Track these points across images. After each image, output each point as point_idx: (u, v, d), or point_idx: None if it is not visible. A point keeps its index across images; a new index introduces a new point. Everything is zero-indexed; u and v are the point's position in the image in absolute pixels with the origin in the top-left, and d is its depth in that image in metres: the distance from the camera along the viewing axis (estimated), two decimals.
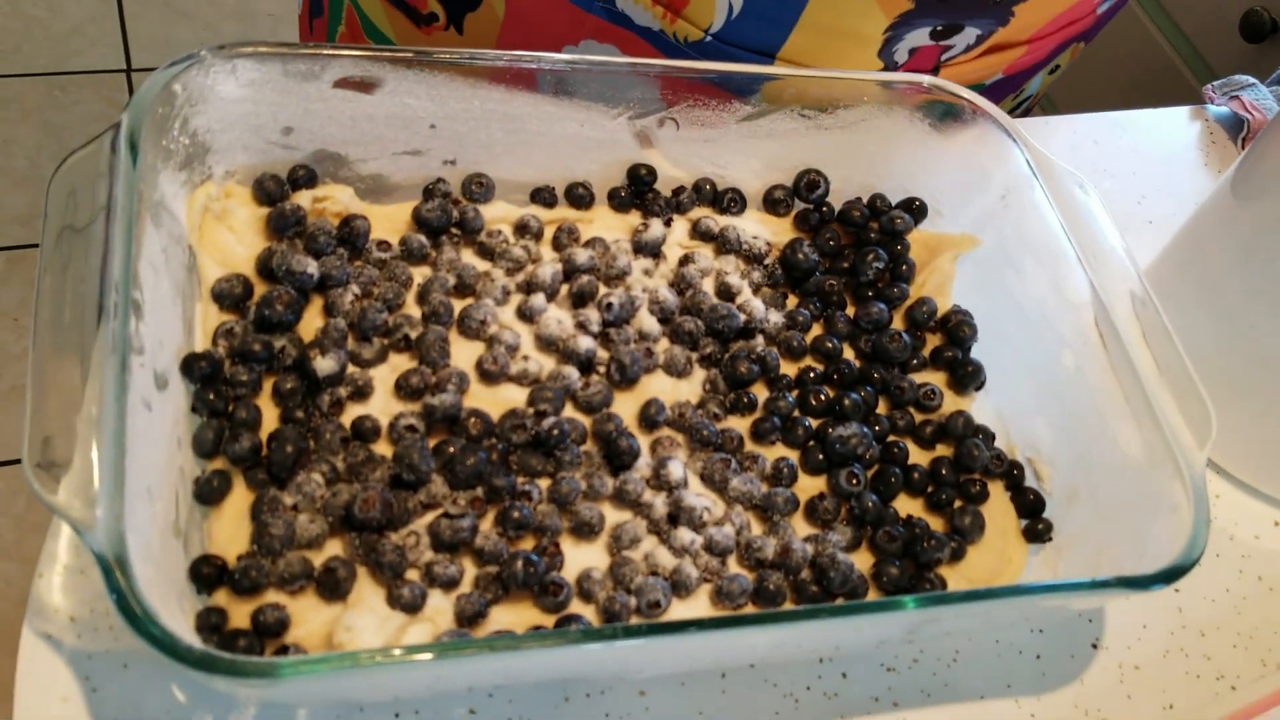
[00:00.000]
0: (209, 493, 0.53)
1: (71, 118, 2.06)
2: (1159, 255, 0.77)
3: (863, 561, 0.60)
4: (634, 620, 0.54)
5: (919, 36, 0.74)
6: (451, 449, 0.56)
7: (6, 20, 2.15)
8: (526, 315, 0.63)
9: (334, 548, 0.54)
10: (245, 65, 0.58)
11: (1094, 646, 0.63)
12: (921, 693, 0.60)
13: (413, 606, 0.52)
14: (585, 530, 0.56)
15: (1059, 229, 0.64)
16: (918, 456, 0.65)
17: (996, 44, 0.79)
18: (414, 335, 0.60)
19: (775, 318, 0.67)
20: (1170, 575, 0.52)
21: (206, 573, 0.51)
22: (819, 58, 0.75)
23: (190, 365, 0.55)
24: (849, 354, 0.68)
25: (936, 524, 0.62)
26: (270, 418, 0.57)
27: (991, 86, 0.85)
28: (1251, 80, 0.97)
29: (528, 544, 0.56)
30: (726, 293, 0.67)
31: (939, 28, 0.73)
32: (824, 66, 0.72)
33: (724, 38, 0.73)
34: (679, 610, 0.56)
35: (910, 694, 0.59)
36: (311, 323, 0.60)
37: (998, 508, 0.63)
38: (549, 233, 0.67)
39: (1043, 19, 0.78)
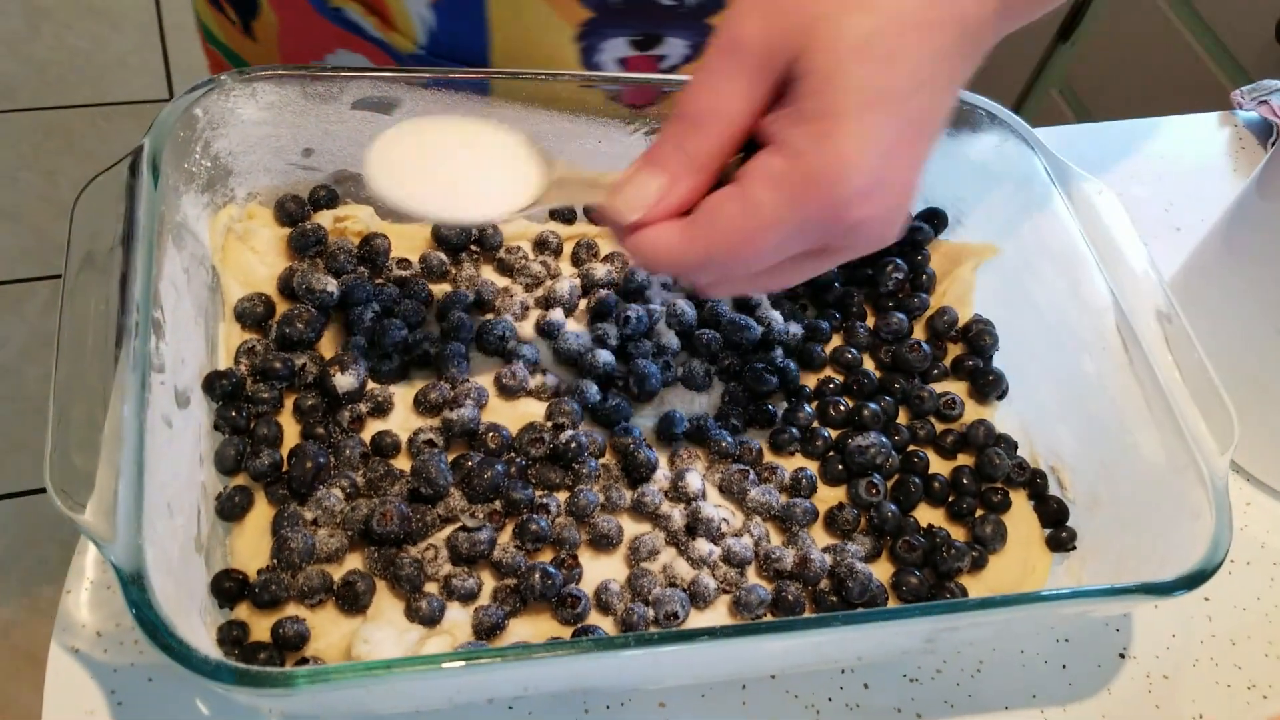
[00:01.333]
0: (231, 508, 0.54)
1: (115, 148, 2.09)
2: (1186, 260, 0.77)
3: (883, 572, 0.60)
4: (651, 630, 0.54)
5: (619, 46, 0.71)
6: (469, 463, 0.56)
7: (52, 53, 2.19)
8: (545, 330, 0.64)
9: (353, 561, 0.54)
10: (265, 88, 0.59)
11: (1122, 656, 0.63)
12: (945, 703, 0.59)
13: (431, 619, 0.52)
14: (603, 542, 0.57)
15: (1078, 236, 0.64)
16: (939, 466, 0.65)
17: None
18: (433, 351, 0.61)
19: (794, 329, 0.67)
20: (1193, 580, 0.52)
21: (228, 587, 0.51)
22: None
23: (212, 383, 0.56)
24: (869, 364, 0.68)
25: (958, 533, 0.62)
26: (291, 434, 0.57)
27: None
28: None
29: (546, 556, 0.56)
30: (745, 305, 0.67)
31: (638, 38, 0.71)
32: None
33: (434, 51, 0.72)
34: (697, 621, 0.56)
35: (933, 705, 0.59)
36: (332, 340, 0.61)
37: (1020, 516, 0.63)
38: (569, 248, 0.68)
39: None
